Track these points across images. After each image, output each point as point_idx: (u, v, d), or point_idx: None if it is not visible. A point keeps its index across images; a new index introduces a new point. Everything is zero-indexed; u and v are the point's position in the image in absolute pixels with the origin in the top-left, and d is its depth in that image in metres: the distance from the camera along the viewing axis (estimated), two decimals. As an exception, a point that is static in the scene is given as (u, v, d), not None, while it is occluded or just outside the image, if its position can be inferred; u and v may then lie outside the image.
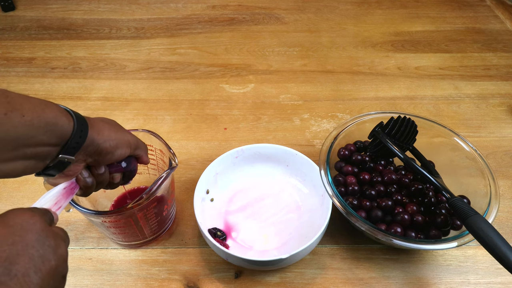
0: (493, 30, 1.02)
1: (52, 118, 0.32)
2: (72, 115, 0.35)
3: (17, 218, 0.28)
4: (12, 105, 0.30)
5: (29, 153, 0.32)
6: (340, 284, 0.52)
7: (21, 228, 0.27)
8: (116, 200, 0.59)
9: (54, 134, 0.33)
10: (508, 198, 0.63)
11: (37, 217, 0.29)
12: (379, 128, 0.59)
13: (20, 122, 0.30)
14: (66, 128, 0.34)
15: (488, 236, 0.41)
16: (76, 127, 0.34)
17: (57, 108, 0.34)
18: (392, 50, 0.94)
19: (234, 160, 0.61)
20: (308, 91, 0.83)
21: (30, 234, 0.27)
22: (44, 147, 0.33)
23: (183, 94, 0.82)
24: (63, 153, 0.34)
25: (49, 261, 0.28)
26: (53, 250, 0.29)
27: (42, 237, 0.28)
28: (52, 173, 0.36)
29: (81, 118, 0.35)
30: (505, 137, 0.73)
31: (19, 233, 0.27)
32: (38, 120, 0.31)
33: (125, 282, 0.52)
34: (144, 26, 1.03)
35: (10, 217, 0.28)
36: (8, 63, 0.90)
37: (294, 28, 1.03)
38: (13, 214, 0.28)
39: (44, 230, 0.29)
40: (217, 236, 0.54)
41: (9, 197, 0.63)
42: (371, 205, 0.53)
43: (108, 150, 0.38)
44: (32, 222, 0.28)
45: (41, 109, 0.32)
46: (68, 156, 0.35)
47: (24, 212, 0.29)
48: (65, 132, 0.34)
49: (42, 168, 0.35)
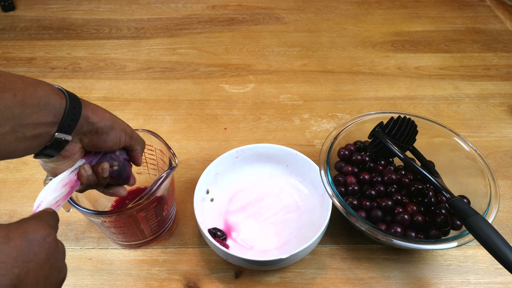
0: (493, 30, 1.02)
1: (44, 97, 0.32)
2: (64, 93, 0.35)
3: (36, 233, 0.27)
4: (5, 84, 0.30)
5: (28, 134, 0.32)
6: (340, 284, 0.52)
7: (38, 245, 0.27)
8: (116, 200, 0.59)
9: (49, 113, 0.33)
10: (508, 198, 0.63)
11: (54, 235, 0.29)
12: (379, 128, 0.59)
13: (13, 101, 0.30)
14: (59, 106, 0.34)
15: (488, 236, 0.41)
16: (68, 104, 0.34)
17: (49, 87, 0.34)
18: (392, 50, 0.94)
19: (234, 160, 0.61)
20: (308, 91, 0.83)
21: (43, 253, 0.27)
22: (41, 126, 0.33)
23: (183, 94, 0.82)
24: (59, 131, 0.35)
25: (51, 284, 0.28)
26: (57, 273, 0.29)
27: (52, 259, 0.28)
28: (50, 153, 0.36)
29: (73, 96, 0.35)
30: (505, 137, 0.73)
31: (35, 250, 0.27)
32: (30, 98, 0.31)
33: (125, 282, 0.52)
34: (144, 26, 1.03)
35: (31, 230, 0.27)
36: (8, 63, 0.90)
37: (294, 28, 1.03)
38: (35, 226, 0.28)
39: (55, 251, 0.29)
40: (217, 236, 0.54)
41: (9, 197, 0.63)
42: (371, 205, 0.53)
43: (103, 130, 0.38)
44: (48, 241, 0.28)
45: (33, 88, 0.32)
46: (65, 134, 0.35)
47: (44, 226, 0.29)
48: (58, 110, 0.34)
49: (41, 149, 0.35)
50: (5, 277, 0.24)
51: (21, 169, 0.67)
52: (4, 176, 0.66)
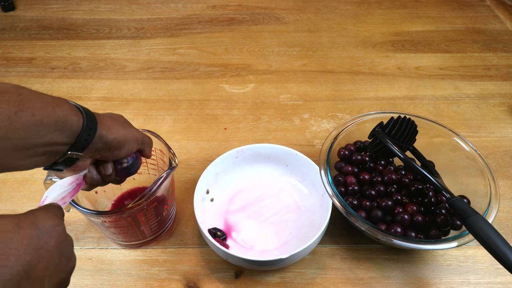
0: (493, 30, 1.02)
1: (62, 117, 0.32)
2: (82, 112, 0.35)
3: (46, 222, 0.28)
4: (24, 103, 0.30)
5: (39, 151, 0.32)
6: (340, 284, 0.52)
7: (47, 233, 0.27)
8: (116, 200, 0.59)
9: (63, 133, 0.33)
10: (508, 198, 0.63)
11: (62, 225, 0.29)
12: (379, 128, 0.59)
13: (30, 121, 0.30)
14: (76, 126, 0.34)
15: (488, 236, 0.41)
16: (85, 124, 0.34)
17: (68, 106, 0.34)
18: (392, 50, 0.94)
19: (234, 160, 0.61)
20: (308, 91, 0.83)
21: (53, 241, 0.28)
22: (53, 145, 0.33)
23: (183, 94, 0.82)
24: (72, 150, 0.35)
25: (61, 272, 0.29)
26: (67, 262, 0.29)
27: (62, 247, 0.29)
28: (60, 169, 0.36)
29: (90, 115, 0.35)
30: (505, 137, 0.73)
31: (45, 238, 0.27)
32: (48, 119, 0.31)
33: (125, 282, 0.52)
34: (144, 26, 1.03)
35: (40, 219, 0.28)
36: (8, 63, 0.90)
37: (294, 28, 1.03)
38: (44, 216, 0.28)
39: (65, 240, 0.29)
40: (217, 236, 0.54)
41: (9, 197, 0.63)
42: (371, 205, 0.53)
43: (116, 147, 0.39)
44: (58, 229, 0.28)
45: (51, 107, 0.32)
46: (77, 152, 0.35)
47: (53, 216, 0.29)
48: (74, 130, 0.34)
49: (51, 164, 0.35)
50: (17, 263, 0.24)
51: (21, 169, 0.67)
52: (4, 176, 0.66)
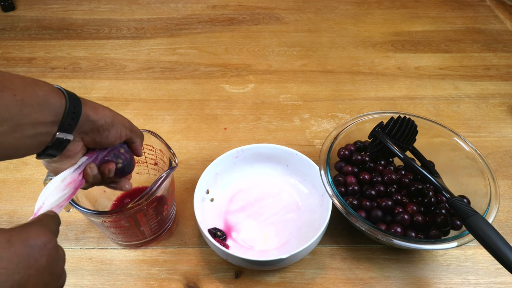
0: (493, 30, 1.02)
1: (43, 96, 0.33)
2: (63, 92, 0.35)
3: (37, 239, 0.27)
4: (4, 84, 0.30)
5: (28, 133, 0.32)
6: (340, 284, 0.52)
7: (39, 251, 0.27)
8: (116, 200, 0.59)
9: (48, 112, 0.33)
10: (508, 198, 0.63)
11: (54, 241, 0.29)
12: (379, 128, 0.59)
13: (11, 101, 0.30)
14: (59, 105, 0.34)
15: (488, 236, 0.41)
16: (68, 104, 0.34)
17: (49, 87, 0.34)
18: (392, 50, 0.94)
19: (234, 160, 0.61)
20: (308, 91, 0.83)
21: (44, 259, 0.27)
22: (41, 125, 0.33)
23: (183, 94, 0.82)
24: (60, 131, 0.35)
25: None
26: (57, 280, 0.29)
27: (52, 266, 0.28)
28: (52, 153, 0.36)
29: (73, 96, 0.36)
30: (505, 137, 0.73)
31: (36, 256, 0.27)
32: (29, 98, 0.31)
33: (125, 282, 0.52)
34: (144, 26, 1.03)
35: (32, 236, 0.27)
36: (8, 63, 0.90)
37: (294, 28, 1.03)
38: (36, 232, 0.28)
39: (55, 258, 0.29)
40: (217, 236, 0.54)
41: (9, 197, 0.63)
42: (371, 205, 0.53)
43: (104, 127, 0.39)
44: (49, 247, 0.28)
45: (32, 87, 0.32)
46: (66, 134, 0.35)
47: (45, 233, 0.29)
48: (58, 110, 0.34)
49: (43, 149, 0.35)
50: (6, 283, 0.24)
51: (21, 169, 0.67)
52: (4, 176, 0.66)
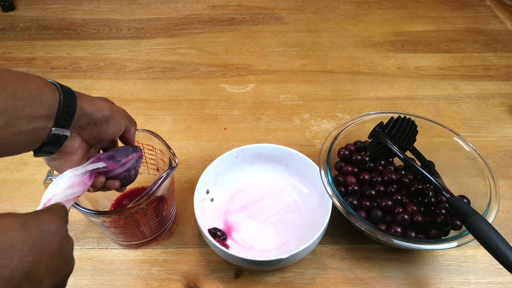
0: (493, 30, 1.02)
1: (36, 89, 0.32)
2: (57, 86, 0.34)
3: (50, 225, 0.28)
4: None
5: (24, 128, 0.32)
6: (340, 284, 0.52)
7: (51, 236, 0.28)
8: (116, 200, 0.59)
9: (42, 106, 0.32)
10: (508, 198, 0.63)
11: (65, 228, 0.30)
12: (379, 128, 0.59)
13: (3, 94, 0.30)
14: (52, 99, 0.33)
15: (488, 236, 0.41)
16: (62, 97, 0.34)
17: (41, 80, 0.33)
18: (392, 50, 0.94)
19: (234, 160, 0.61)
20: (308, 91, 0.83)
21: (56, 244, 0.28)
22: (36, 119, 0.32)
23: (183, 94, 0.82)
24: (56, 126, 0.34)
25: (60, 274, 0.29)
26: (66, 265, 0.30)
27: (63, 250, 0.29)
28: (49, 150, 0.36)
29: (67, 89, 0.35)
30: (505, 137, 0.73)
31: (49, 241, 0.28)
32: (21, 91, 0.31)
33: (125, 282, 0.52)
34: (144, 26, 1.03)
35: (46, 222, 0.28)
36: (8, 63, 0.90)
37: (294, 28, 1.03)
38: (50, 218, 0.29)
39: (66, 243, 0.30)
40: (217, 236, 0.54)
41: (9, 197, 0.63)
42: (371, 205, 0.53)
43: (102, 120, 0.38)
44: (61, 233, 0.29)
45: (23, 81, 0.32)
46: (62, 129, 0.35)
47: (58, 220, 0.29)
48: (52, 103, 0.33)
49: (39, 145, 0.35)
50: (19, 264, 0.25)
51: (21, 169, 0.67)
52: (4, 176, 0.66)
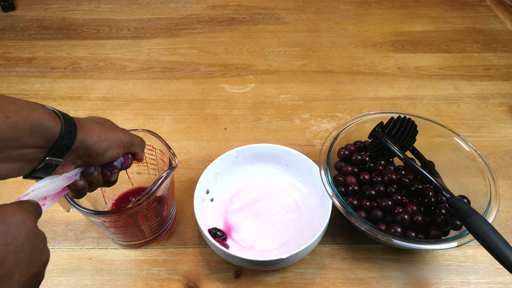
0: (493, 30, 1.02)
1: (38, 120, 0.31)
2: (59, 116, 0.33)
3: (14, 217, 0.27)
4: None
5: (14, 155, 0.31)
6: (340, 284, 0.52)
7: (16, 228, 0.27)
8: (116, 200, 0.59)
9: (40, 136, 0.32)
10: (508, 198, 0.63)
11: (33, 219, 0.29)
12: (379, 128, 0.59)
13: (4, 123, 0.29)
14: (53, 130, 0.32)
15: (488, 236, 0.41)
16: (63, 128, 0.33)
17: (44, 110, 0.32)
18: (392, 50, 0.94)
19: (234, 160, 0.61)
20: (308, 91, 0.83)
21: (23, 236, 0.27)
22: (30, 149, 0.32)
23: (183, 94, 0.82)
24: (51, 156, 0.33)
25: (33, 267, 0.28)
26: (39, 256, 0.29)
27: (33, 242, 0.28)
28: (40, 176, 0.35)
29: (69, 119, 0.34)
30: (505, 137, 0.73)
31: (14, 233, 0.27)
32: (23, 122, 0.30)
33: (125, 282, 0.52)
34: (144, 26, 1.03)
35: (8, 214, 0.27)
36: (8, 63, 0.90)
37: (294, 28, 1.03)
38: (12, 210, 0.28)
39: (36, 234, 0.29)
40: (217, 236, 0.54)
41: (9, 197, 0.63)
42: (371, 205, 0.53)
43: (98, 152, 0.37)
44: (28, 224, 0.28)
45: (26, 111, 0.31)
46: (56, 158, 0.34)
47: (23, 211, 0.28)
48: (52, 134, 0.33)
49: (29, 171, 0.34)
50: None
51: (21, 169, 0.67)
52: (4, 176, 0.66)
